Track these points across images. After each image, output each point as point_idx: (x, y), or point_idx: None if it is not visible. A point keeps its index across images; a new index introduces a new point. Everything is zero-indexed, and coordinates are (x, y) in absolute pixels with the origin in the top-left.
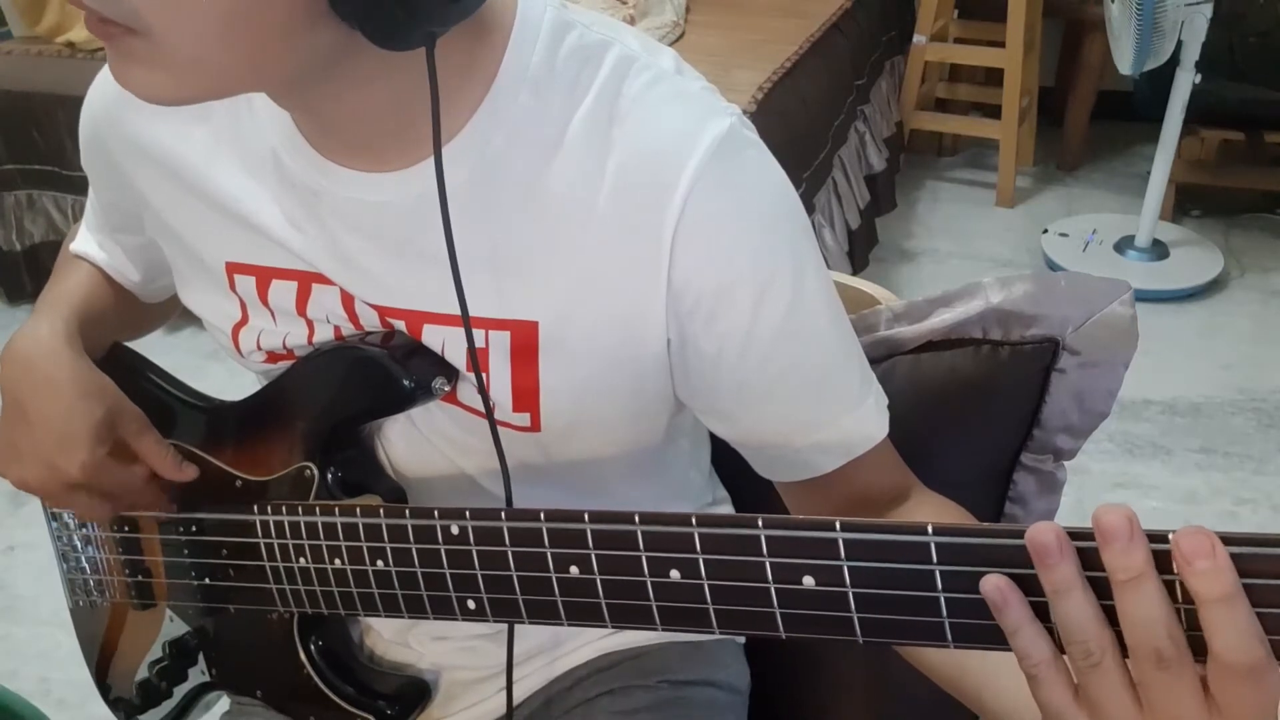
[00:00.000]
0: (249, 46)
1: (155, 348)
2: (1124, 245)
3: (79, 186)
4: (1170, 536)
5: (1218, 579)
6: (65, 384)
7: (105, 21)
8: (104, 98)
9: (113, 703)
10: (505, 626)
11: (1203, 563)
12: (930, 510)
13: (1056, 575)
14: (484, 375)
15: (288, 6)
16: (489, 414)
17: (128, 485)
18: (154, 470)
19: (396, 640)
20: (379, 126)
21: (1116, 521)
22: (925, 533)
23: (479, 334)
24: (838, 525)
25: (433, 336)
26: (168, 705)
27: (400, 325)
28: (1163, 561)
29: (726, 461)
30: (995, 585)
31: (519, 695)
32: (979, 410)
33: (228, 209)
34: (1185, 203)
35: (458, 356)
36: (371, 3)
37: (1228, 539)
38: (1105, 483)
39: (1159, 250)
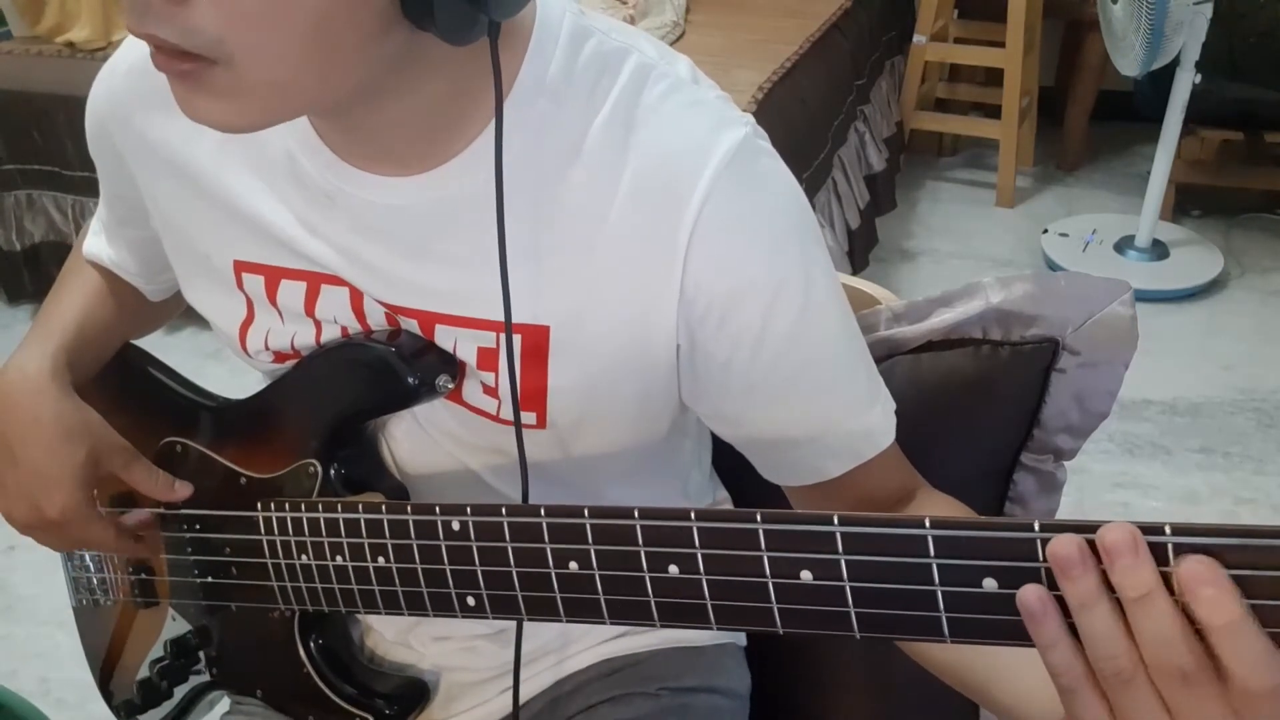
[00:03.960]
0: (327, 64)
1: (156, 347)
2: (1124, 245)
3: (79, 186)
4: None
5: (1222, 605)
6: (48, 425)
7: (180, 57)
8: (111, 95)
9: (113, 703)
10: (507, 628)
11: (1206, 590)
12: (934, 509)
13: (1081, 588)
14: (497, 376)
15: (366, 18)
16: (516, 417)
17: (101, 538)
18: (148, 496)
19: (398, 641)
20: (409, 134)
21: (1121, 538)
22: (922, 526)
23: (490, 336)
24: (835, 519)
25: (444, 337)
26: (168, 705)
27: (413, 325)
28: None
29: (728, 461)
30: (1037, 596)
31: (521, 698)
32: (979, 410)
33: (236, 209)
34: (1185, 203)
35: (467, 357)
36: (442, 3)
37: (1225, 531)
38: (1105, 483)
39: (1159, 250)
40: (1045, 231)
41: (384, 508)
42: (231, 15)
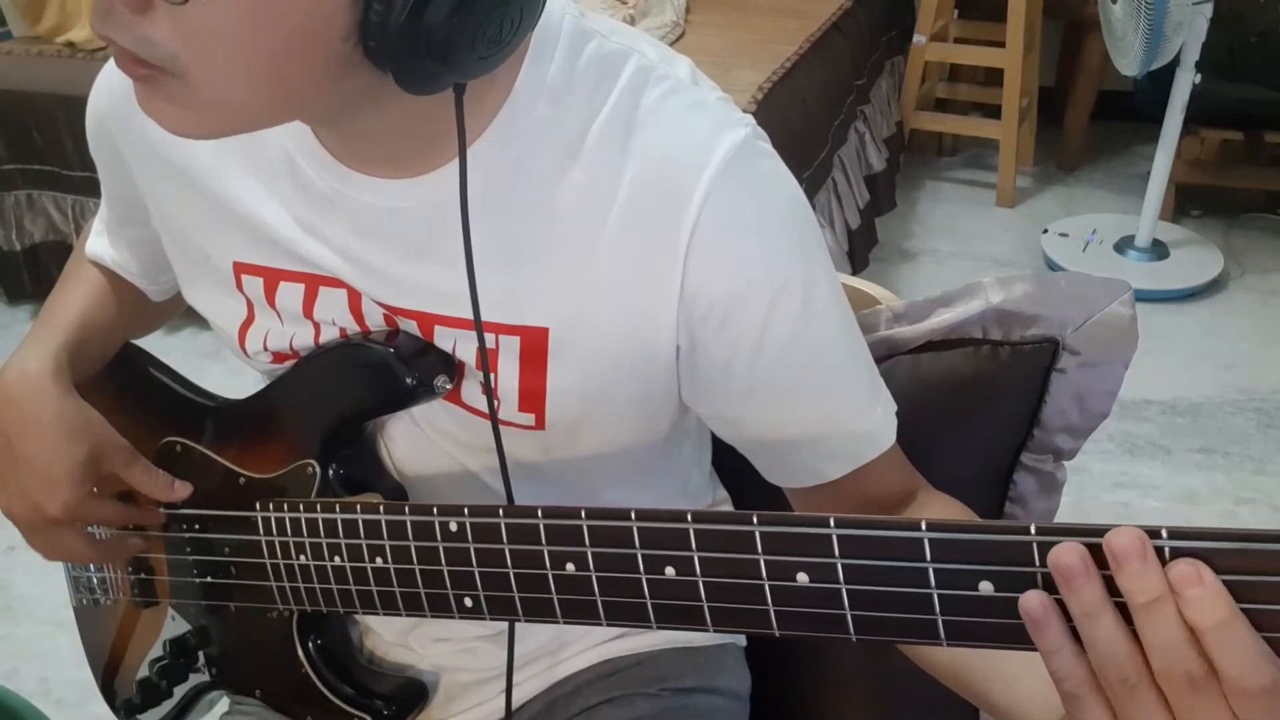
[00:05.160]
0: (281, 95)
1: (155, 347)
2: (1124, 245)
3: (79, 186)
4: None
5: (1210, 606)
6: (49, 424)
7: (139, 62)
8: (111, 94)
9: (113, 702)
10: (506, 628)
11: (1193, 591)
12: (934, 510)
13: (1085, 597)
14: (492, 377)
15: (325, 56)
16: (493, 416)
17: (110, 522)
18: (148, 497)
19: (397, 641)
20: (402, 138)
21: (1129, 543)
22: (919, 529)
23: (489, 337)
24: (832, 522)
25: (443, 338)
26: (167, 705)
27: (411, 326)
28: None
29: (728, 461)
30: (1039, 601)
31: (520, 698)
32: (979, 410)
33: (236, 211)
34: (1185, 203)
35: (466, 358)
36: (407, 56)
37: (1221, 535)
38: (1105, 483)
39: (1159, 250)
40: (1045, 231)
41: (382, 508)
42: (186, 35)
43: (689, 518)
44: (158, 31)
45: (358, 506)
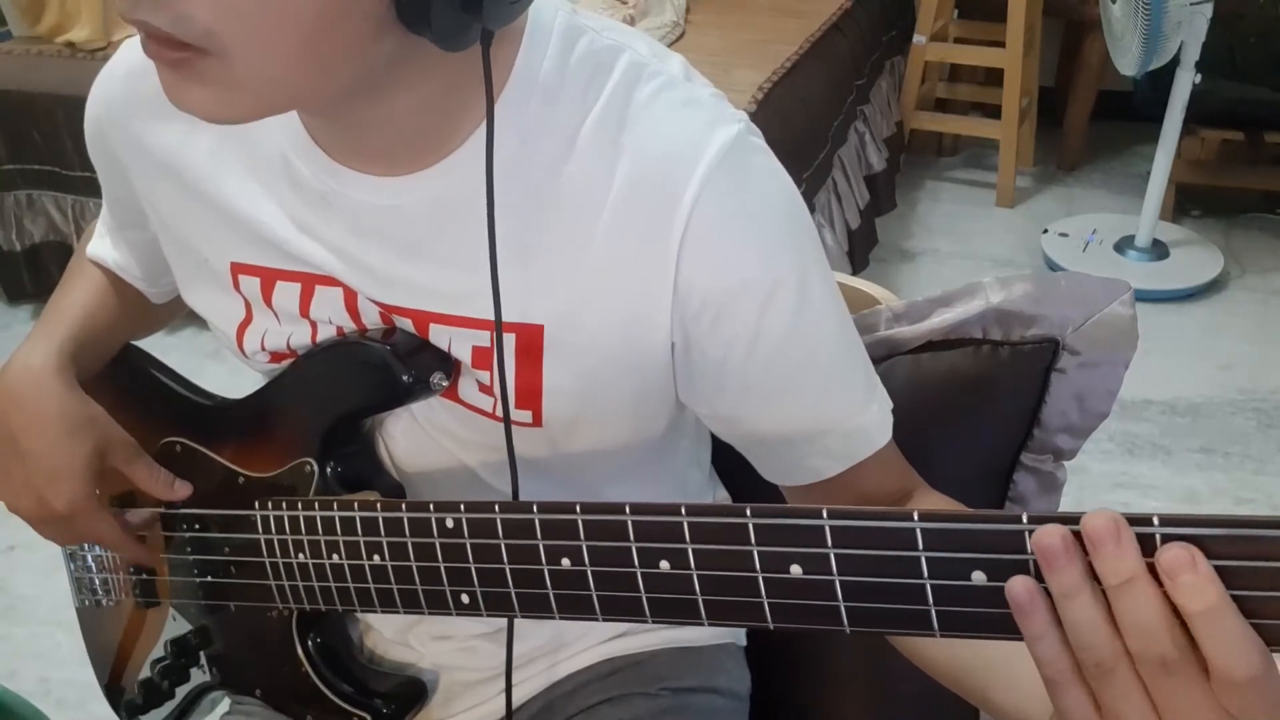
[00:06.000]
0: (319, 63)
1: (156, 347)
2: (1124, 245)
3: (79, 186)
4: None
5: (1201, 592)
6: (54, 419)
7: (172, 45)
8: (107, 97)
9: (116, 702)
10: (506, 626)
11: (1185, 576)
12: (929, 506)
13: (1065, 578)
14: (492, 375)
15: (360, 20)
16: (506, 417)
17: (109, 530)
18: (149, 493)
19: (397, 640)
20: (401, 132)
21: (1103, 525)
22: (910, 519)
23: (485, 335)
24: (824, 513)
25: (439, 336)
26: (170, 705)
27: (408, 324)
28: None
29: (726, 460)
30: (1025, 587)
31: (519, 698)
32: (979, 410)
33: (232, 211)
34: (1185, 203)
35: (462, 356)
36: (436, 8)
37: (1212, 521)
38: (1105, 483)
39: (1159, 250)
40: (1045, 231)
41: (379, 505)
42: (224, 7)
43: (683, 511)
44: (194, 6)
45: (355, 504)
